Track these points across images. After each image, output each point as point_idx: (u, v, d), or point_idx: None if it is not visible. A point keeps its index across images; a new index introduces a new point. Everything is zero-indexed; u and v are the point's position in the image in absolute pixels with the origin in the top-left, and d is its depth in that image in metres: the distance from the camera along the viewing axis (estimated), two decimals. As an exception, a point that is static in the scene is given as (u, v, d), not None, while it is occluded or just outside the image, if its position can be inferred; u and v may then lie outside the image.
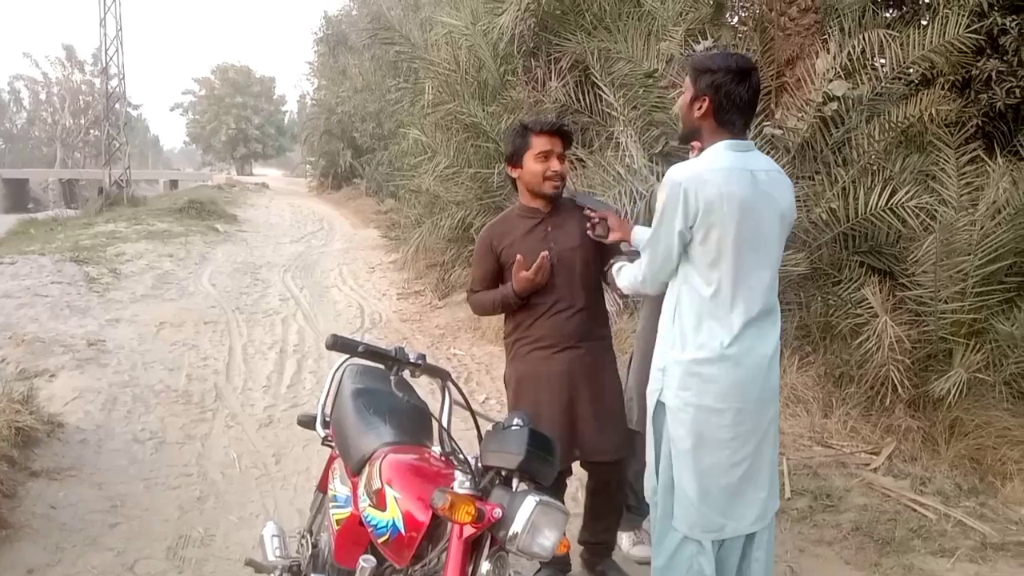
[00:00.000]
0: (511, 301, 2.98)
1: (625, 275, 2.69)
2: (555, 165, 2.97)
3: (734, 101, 2.35)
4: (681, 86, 5.97)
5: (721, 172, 2.31)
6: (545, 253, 2.87)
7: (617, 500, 3.19)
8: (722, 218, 2.28)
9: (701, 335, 2.37)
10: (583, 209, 3.03)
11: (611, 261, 2.89)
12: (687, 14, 6.78)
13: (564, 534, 1.81)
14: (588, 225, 2.96)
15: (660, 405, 2.47)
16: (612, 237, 2.94)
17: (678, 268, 2.43)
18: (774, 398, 2.50)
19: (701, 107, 2.40)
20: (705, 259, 2.34)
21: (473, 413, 2.05)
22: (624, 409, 3.13)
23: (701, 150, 2.47)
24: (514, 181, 3.12)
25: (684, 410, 2.39)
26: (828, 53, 5.79)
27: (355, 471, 2.31)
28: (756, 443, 2.45)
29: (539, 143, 2.95)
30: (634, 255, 2.78)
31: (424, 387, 4.11)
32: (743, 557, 2.53)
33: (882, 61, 5.90)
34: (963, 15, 5.53)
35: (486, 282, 3.11)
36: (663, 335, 2.49)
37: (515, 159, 3.02)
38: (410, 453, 2.20)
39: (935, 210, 5.02)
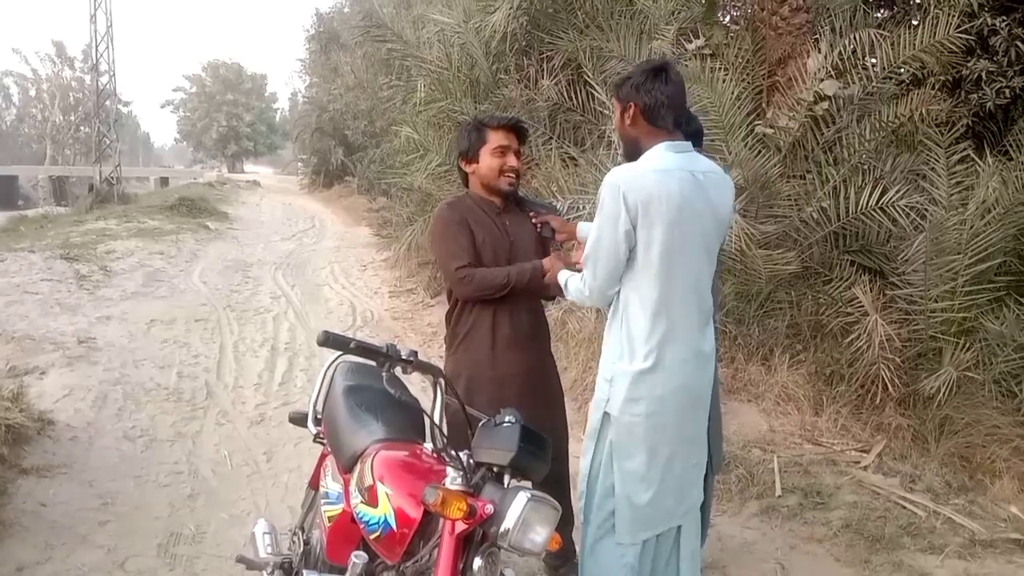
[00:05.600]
0: (535, 278, 2.81)
1: (572, 287, 2.60)
2: (512, 161, 2.93)
3: (657, 97, 2.35)
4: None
5: (659, 172, 2.30)
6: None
7: (570, 504, 3.09)
8: (661, 219, 2.26)
9: (648, 344, 2.34)
10: (529, 211, 3.02)
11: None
12: (679, 13, 6.79)
13: (556, 530, 1.82)
14: (536, 223, 2.97)
15: (606, 416, 2.43)
16: (559, 238, 2.95)
17: (626, 277, 2.38)
18: (713, 394, 2.54)
19: (630, 115, 2.42)
20: (647, 263, 2.31)
21: (465, 410, 2.05)
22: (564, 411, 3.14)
23: None
24: (466, 177, 3.05)
25: (633, 421, 2.37)
26: (819, 52, 5.80)
27: (347, 468, 2.31)
28: (700, 443, 2.49)
29: (496, 138, 2.91)
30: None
31: (416, 384, 4.12)
32: (673, 545, 2.56)
33: (873, 61, 5.92)
34: (953, 15, 5.55)
35: (472, 255, 2.88)
36: (609, 344, 2.45)
37: (470, 154, 2.96)
38: (402, 450, 2.21)
39: (925, 209, 5.05)
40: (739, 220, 5.14)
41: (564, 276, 2.67)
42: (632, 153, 2.47)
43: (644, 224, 2.27)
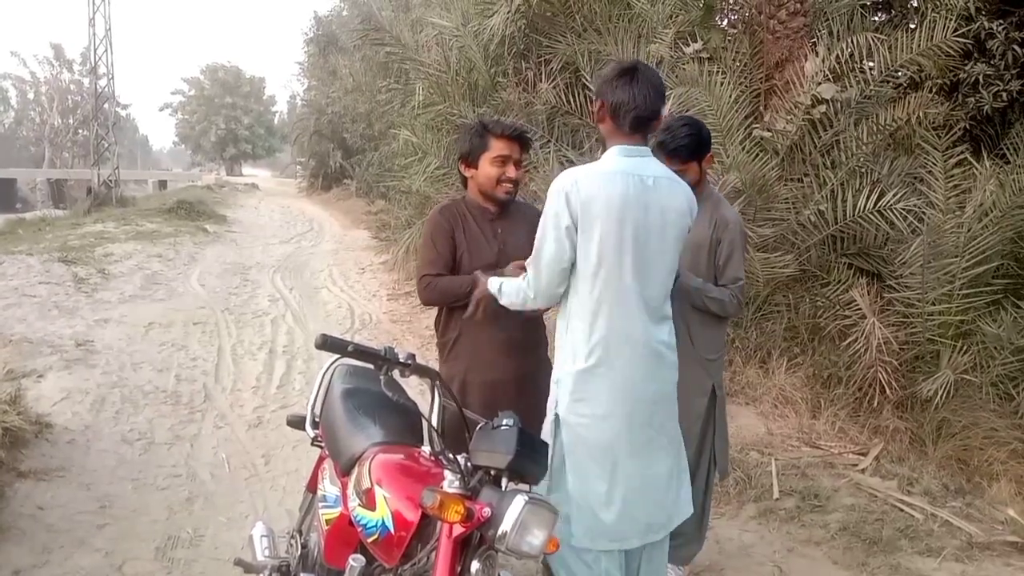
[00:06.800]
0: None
1: (508, 291, 2.57)
2: (511, 172, 2.90)
3: (620, 97, 2.36)
4: (671, 88, 6.03)
5: (604, 174, 2.32)
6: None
7: None
8: (600, 219, 2.27)
9: (589, 343, 2.34)
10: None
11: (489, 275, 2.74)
12: (677, 16, 6.81)
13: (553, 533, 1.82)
14: None
15: (556, 418, 2.43)
16: None
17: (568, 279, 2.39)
18: (668, 402, 2.48)
19: (598, 111, 2.45)
20: (587, 263, 2.32)
21: (463, 413, 2.05)
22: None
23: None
24: (465, 179, 3.03)
25: (580, 422, 2.37)
26: (817, 56, 5.82)
27: (345, 471, 2.31)
28: (667, 448, 2.46)
29: (498, 146, 2.87)
30: None
31: (414, 387, 4.12)
32: (643, 562, 2.52)
33: (870, 64, 5.94)
34: (951, 19, 5.58)
35: (446, 266, 2.89)
36: (558, 347, 2.46)
37: (470, 159, 2.93)
38: (399, 453, 2.20)
39: (923, 212, 5.06)
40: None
41: (496, 283, 2.64)
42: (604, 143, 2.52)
43: (584, 225, 2.29)
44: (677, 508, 2.53)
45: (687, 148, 3.01)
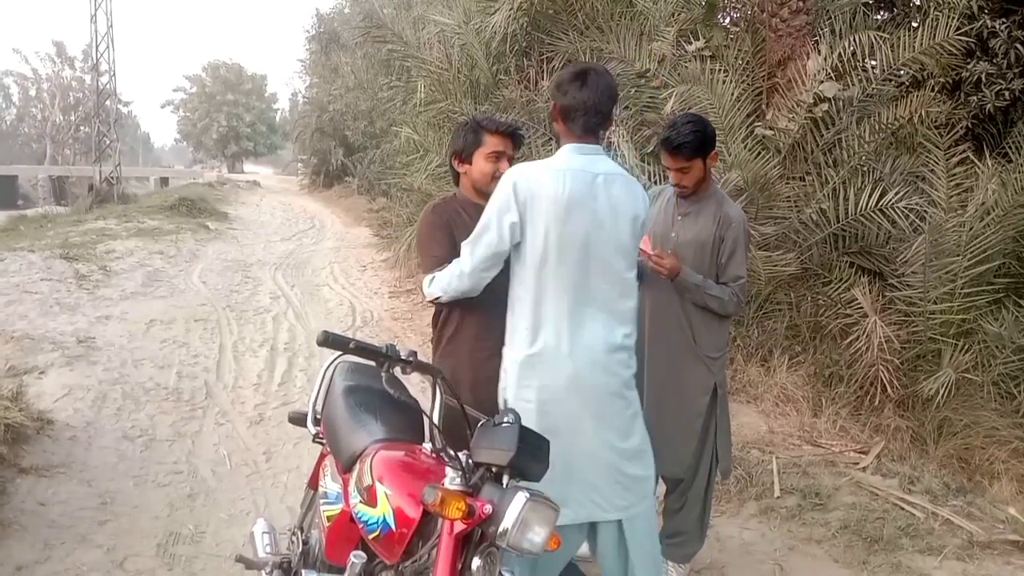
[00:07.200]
0: None
1: (441, 277, 2.64)
2: (504, 167, 2.86)
3: (572, 101, 2.42)
4: (673, 86, 6.03)
5: (553, 171, 2.37)
6: None
7: None
8: (546, 214, 2.34)
9: (533, 331, 2.41)
10: None
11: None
12: (679, 14, 6.80)
13: (555, 530, 1.82)
14: None
15: (505, 403, 2.49)
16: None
17: (515, 270, 2.45)
18: (617, 397, 2.48)
19: (551, 112, 2.51)
20: (532, 256, 2.38)
21: (464, 410, 2.05)
22: None
23: None
24: (457, 176, 3.03)
25: (526, 407, 2.39)
26: (819, 54, 5.82)
27: (346, 468, 2.31)
28: (599, 440, 2.45)
29: (492, 142, 2.88)
30: None
31: (415, 385, 4.12)
32: (618, 544, 2.52)
33: (873, 63, 5.93)
34: (953, 18, 5.57)
35: (447, 263, 2.86)
36: (506, 335, 2.53)
37: (464, 154, 2.94)
38: (401, 450, 2.21)
39: (925, 211, 5.06)
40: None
41: (428, 279, 2.72)
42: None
43: (530, 219, 2.36)
44: (627, 498, 2.51)
45: (690, 145, 3.01)
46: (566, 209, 2.33)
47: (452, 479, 1.87)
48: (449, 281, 2.59)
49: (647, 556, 2.55)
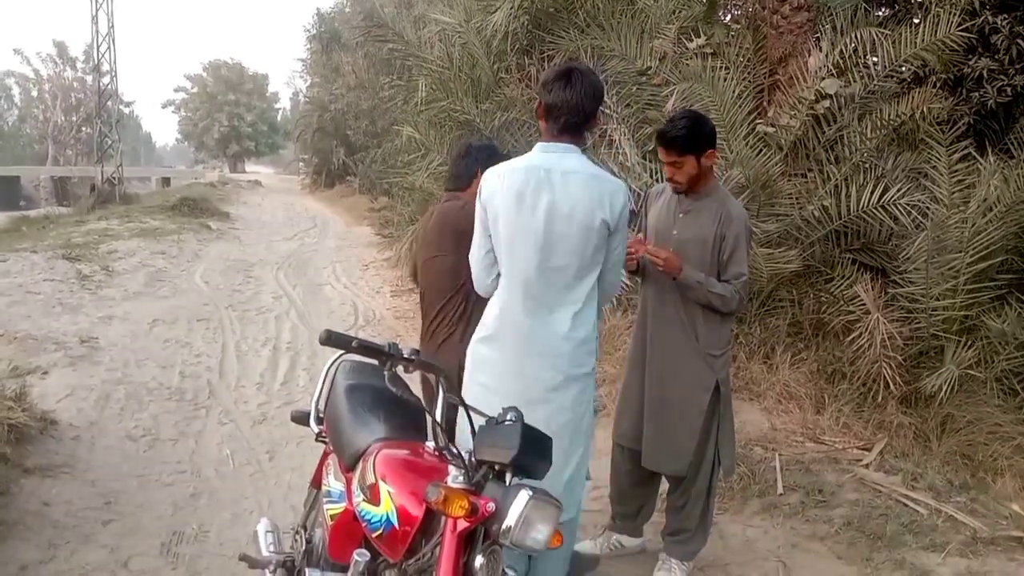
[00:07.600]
0: None
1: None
2: None
3: (554, 100, 2.46)
4: (674, 84, 6.03)
5: (512, 169, 2.47)
6: None
7: None
8: (502, 211, 2.45)
9: (489, 317, 2.57)
10: None
11: None
12: (680, 12, 6.81)
13: (558, 528, 1.82)
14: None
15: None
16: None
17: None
18: (564, 392, 2.50)
19: (536, 109, 2.57)
20: (499, 251, 2.52)
21: (467, 408, 2.05)
22: None
23: None
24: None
25: (476, 390, 2.52)
26: (820, 51, 5.82)
27: (349, 466, 2.31)
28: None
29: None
30: None
31: (417, 383, 4.12)
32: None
33: (874, 59, 5.93)
34: (955, 14, 5.56)
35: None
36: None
37: (462, 182, 3.18)
38: (404, 448, 2.21)
39: (927, 208, 5.05)
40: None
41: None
42: None
43: (492, 215, 2.49)
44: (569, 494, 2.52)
45: (682, 140, 2.99)
46: (515, 203, 2.42)
47: (455, 477, 1.87)
48: (476, 278, 2.69)
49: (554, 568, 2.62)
